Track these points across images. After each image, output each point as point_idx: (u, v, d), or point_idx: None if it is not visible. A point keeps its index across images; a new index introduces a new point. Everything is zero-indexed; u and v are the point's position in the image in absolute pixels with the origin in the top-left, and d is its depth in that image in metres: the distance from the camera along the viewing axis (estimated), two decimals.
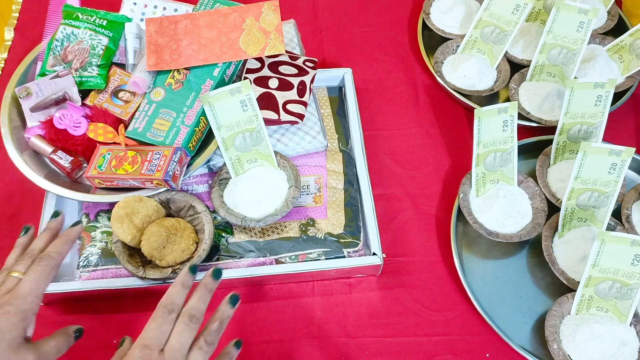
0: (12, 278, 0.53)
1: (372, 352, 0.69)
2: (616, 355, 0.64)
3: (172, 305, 0.50)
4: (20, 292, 0.51)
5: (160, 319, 0.49)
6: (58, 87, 0.76)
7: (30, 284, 0.52)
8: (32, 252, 0.55)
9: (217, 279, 0.54)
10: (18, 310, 0.50)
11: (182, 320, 0.50)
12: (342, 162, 0.80)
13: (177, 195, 0.72)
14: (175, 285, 0.52)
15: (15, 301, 0.50)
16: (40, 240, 0.57)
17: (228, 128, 0.72)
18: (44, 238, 0.57)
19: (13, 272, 0.53)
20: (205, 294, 0.53)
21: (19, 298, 0.51)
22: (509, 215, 0.75)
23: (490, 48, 0.90)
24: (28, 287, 0.52)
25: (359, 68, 0.92)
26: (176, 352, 0.48)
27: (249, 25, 0.78)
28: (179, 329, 0.49)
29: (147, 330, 0.49)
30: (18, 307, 0.50)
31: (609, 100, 0.77)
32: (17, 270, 0.53)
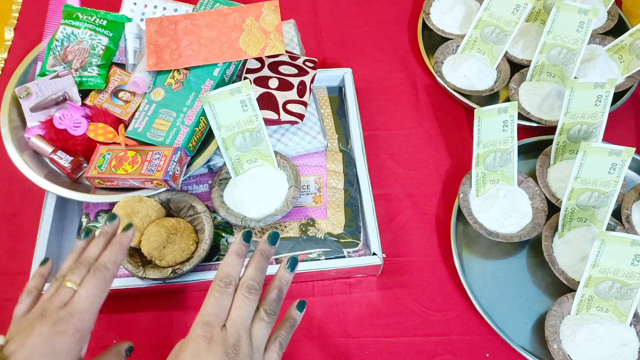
0: (67, 289, 0.50)
1: (372, 352, 0.69)
2: (616, 355, 0.64)
3: (228, 277, 0.48)
4: (77, 308, 0.48)
5: (218, 293, 0.47)
6: (58, 87, 0.76)
7: (87, 300, 0.49)
8: (87, 261, 0.52)
9: (274, 244, 0.51)
10: (75, 330, 0.47)
11: (240, 292, 0.48)
12: (342, 162, 0.80)
13: (177, 195, 0.72)
14: (230, 255, 0.50)
15: (72, 319, 0.47)
16: (96, 247, 0.54)
17: (228, 128, 0.72)
18: (100, 245, 0.54)
19: (67, 282, 0.50)
20: (262, 261, 0.50)
21: (76, 315, 0.48)
22: (509, 215, 0.75)
23: (490, 48, 0.90)
24: (86, 304, 0.48)
25: (359, 68, 0.92)
26: (238, 326, 0.46)
27: (249, 25, 0.78)
28: (239, 303, 0.47)
29: (206, 307, 0.47)
30: (75, 326, 0.47)
31: (609, 100, 0.77)
32: (72, 281, 0.50)
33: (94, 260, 0.52)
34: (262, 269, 0.50)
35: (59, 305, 0.48)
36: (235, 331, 0.46)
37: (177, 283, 0.69)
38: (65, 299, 0.49)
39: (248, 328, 0.47)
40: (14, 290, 0.73)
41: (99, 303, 0.50)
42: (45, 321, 0.47)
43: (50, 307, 0.48)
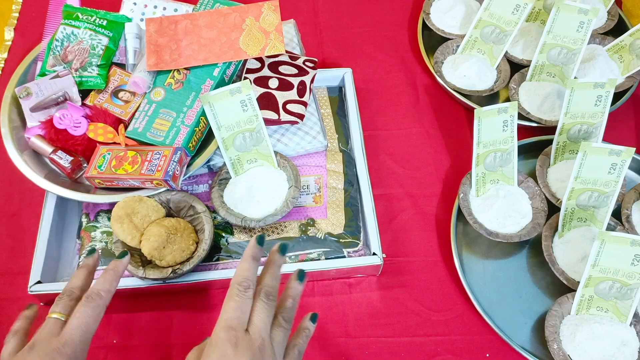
0: (53, 320, 0.49)
1: (372, 352, 0.69)
2: (616, 355, 0.64)
3: (247, 281, 0.48)
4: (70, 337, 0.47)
5: (239, 298, 0.47)
6: (58, 87, 0.76)
7: (79, 330, 0.48)
8: (70, 292, 0.52)
9: (284, 254, 0.52)
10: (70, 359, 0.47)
11: (260, 298, 0.48)
12: (342, 162, 0.80)
13: (177, 195, 0.72)
14: (245, 260, 0.50)
15: (65, 350, 0.47)
16: (77, 278, 0.54)
17: (228, 128, 0.72)
18: (81, 276, 0.54)
19: (52, 314, 0.50)
20: (276, 270, 0.51)
21: (69, 345, 0.47)
22: (509, 215, 0.75)
23: (490, 48, 0.90)
24: (78, 334, 0.48)
25: (359, 68, 0.92)
26: (261, 331, 0.47)
27: (249, 25, 0.78)
28: (259, 308, 0.48)
29: (228, 311, 0.47)
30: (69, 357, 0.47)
31: (609, 100, 0.77)
32: (56, 312, 0.50)
33: (77, 290, 0.53)
34: (277, 277, 0.51)
35: (49, 337, 0.48)
36: (259, 335, 0.46)
37: (177, 283, 0.69)
38: (54, 330, 0.48)
39: (269, 333, 0.47)
40: (13, 290, 0.73)
41: (92, 332, 0.50)
42: (36, 354, 0.46)
43: (40, 339, 0.48)
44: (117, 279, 0.54)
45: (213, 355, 0.44)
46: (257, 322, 0.47)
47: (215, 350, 0.45)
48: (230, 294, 0.48)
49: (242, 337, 0.45)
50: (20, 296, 0.71)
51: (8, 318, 0.71)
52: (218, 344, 0.45)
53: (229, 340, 0.45)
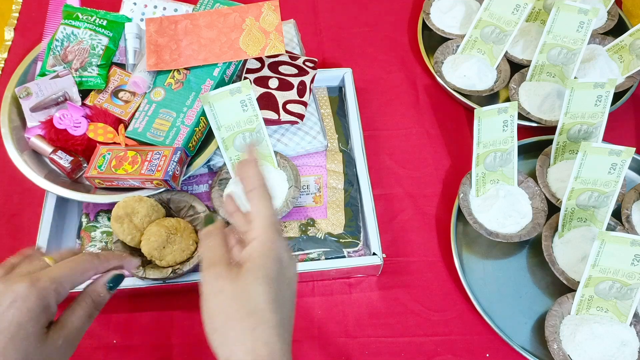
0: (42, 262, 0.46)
1: (372, 352, 0.69)
2: (616, 355, 0.64)
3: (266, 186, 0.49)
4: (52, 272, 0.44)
5: (272, 200, 0.48)
6: (58, 87, 0.76)
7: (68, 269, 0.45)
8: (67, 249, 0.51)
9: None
10: (52, 281, 0.44)
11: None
12: (342, 162, 0.80)
13: (177, 195, 0.72)
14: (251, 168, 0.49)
15: (40, 283, 0.43)
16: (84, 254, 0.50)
17: (228, 128, 0.72)
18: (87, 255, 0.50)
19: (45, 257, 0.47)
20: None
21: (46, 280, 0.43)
22: (509, 215, 0.74)
23: (490, 48, 0.90)
24: (64, 272, 0.45)
25: (359, 68, 0.91)
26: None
27: (249, 25, 0.78)
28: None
29: (268, 210, 0.47)
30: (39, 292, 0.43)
31: (609, 100, 0.77)
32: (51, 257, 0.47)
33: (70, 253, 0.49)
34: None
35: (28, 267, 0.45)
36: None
37: (177, 283, 0.69)
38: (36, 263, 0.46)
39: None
40: None
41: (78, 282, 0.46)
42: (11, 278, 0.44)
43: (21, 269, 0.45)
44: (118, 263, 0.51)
45: (270, 256, 0.44)
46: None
47: (272, 253, 0.44)
48: (264, 194, 0.48)
49: (287, 242, 0.47)
50: None
51: None
52: (270, 250, 0.45)
53: (284, 246, 0.45)
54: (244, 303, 0.42)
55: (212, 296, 0.44)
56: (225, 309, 0.42)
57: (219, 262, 0.45)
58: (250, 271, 0.43)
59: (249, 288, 0.42)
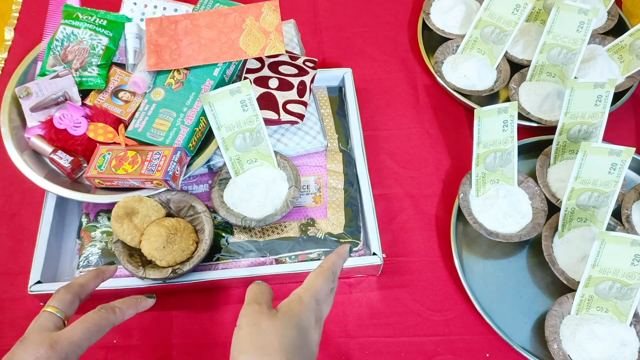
0: (47, 313, 0.48)
1: (372, 352, 0.69)
2: (616, 355, 0.64)
3: (335, 275, 0.53)
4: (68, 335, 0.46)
5: (330, 281, 0.52)
6: (58, 87, 0.76)
7: (81, 334, 0.47)
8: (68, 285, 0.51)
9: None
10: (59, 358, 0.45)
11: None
12: (342, 162, 0.80)
13: (177, 195, 0.72)
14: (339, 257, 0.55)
15: (58, 347, 0.45)
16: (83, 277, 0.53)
17: (228, 128, 0.72)
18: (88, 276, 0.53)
19: (47, 307, 0.48)
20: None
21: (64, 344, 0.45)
22: (509, 215, 0.75)
23: (490, 48, 0.90)
24: (79, 335, 0.46)
25: (359, 68, 0.92)
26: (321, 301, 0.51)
27: (249, 25, 0.78)
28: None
29: (319, 284, 0.50)
30: (59, 355, 0.45)
31: (609, 100, 0.77)
32: (51, 306, 0.49)
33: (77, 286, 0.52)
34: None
35: (41, 329, 0.46)
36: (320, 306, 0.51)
37: (177, 283, 0.69)
38: (47, 323, 0.47)
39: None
40: (13, 290, 0.73)
41: (90, 342, 0.48)
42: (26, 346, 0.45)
43: (32, 331, 0.46)
44: (135, 311, 0.55)
45: (302, 313, 0.48)
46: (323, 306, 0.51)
47: (304, 312, 0.48)
48: (324, 274, 0.51)
49: (320, 312, 0.50)
50: (20, 296, 0.71)
51: (8, 318, 0.71)
52: (307, 308, 0.48)
53: (314, 311, 0.49)
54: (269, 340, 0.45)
55: (247, 327, 0.46)
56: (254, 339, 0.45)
57: (263, 302, 0.48)
58: (286, 315, 0.47)
59: (281, 328, 0.46)
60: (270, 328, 0.45)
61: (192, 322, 0.71)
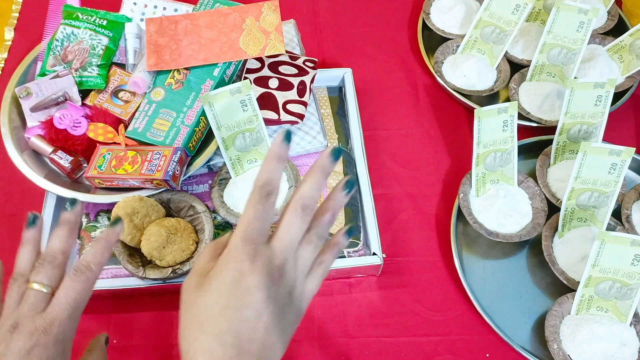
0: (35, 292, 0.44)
1: (372, 352, 0.69)
2: (616, 355, 0.64)
3: (269, 186, 0.41)
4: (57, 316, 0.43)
5: (260, 205, 0.40)
6: (58, 87, 0.76)
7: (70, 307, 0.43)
8: (52, 257, 0.46)
9: (336, 159, 0.43)
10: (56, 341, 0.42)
11: (293, 209, 0.41)
12: (342, 162, 0.80)
13: (177, 195, 0.72)
14: (269, 160, 0.42)
15: (52, 329, 0.42)
16: (57, 239, 0.47)
17: (228, 128, 0.72)
18: (63, 237, 0.47)
19: (32, 283, 0.44)
20: (320, 179, 0.43)
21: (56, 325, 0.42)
22: (509, 215, 0.74)
23: (490, 48, 0.90)
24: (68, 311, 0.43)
25: (359, 68, 0.91)
26: (286, 248, 0.41)
27: (249, 25, 0.78)
28: (289, 220, 0.41)
29: (247, 219, 0.40)
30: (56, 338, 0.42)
31: (609, 100, 0.77)
32: (39, 282, 0.44)
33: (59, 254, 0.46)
34: (319, 187, 0.43)
35: (33, 314, 0.43)
36: (282, 252, 0.41)
37: (177, 283, 0.69)
38: (38, 305, 0.44)
39: (295, 250, 0.42)
40: None
41: (81, 309, 0.45)
42: (20, 336, 0.42)
43: (22, 317, 0.43)
44: (109, 250, 0.48)
45: (228, 266, 0.39)
46: (284, 237, 0.41)
47: (231, 262, 0.40)
48: (251, 200, 0.41)
49: (262, 252, 0.40)
50: None
51: None
52: (234, 256, 0.40)
53: (247, 253, 0.39)
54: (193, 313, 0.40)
55: (181, 310, 0.41)
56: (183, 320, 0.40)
57: (193, 272, 0.42)
58: (205, 282, 0.40)
59: (199, 299, 0.39)
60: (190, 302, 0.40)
61: None
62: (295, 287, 0.41)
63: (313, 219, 0.43)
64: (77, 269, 0.45)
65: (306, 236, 0.43)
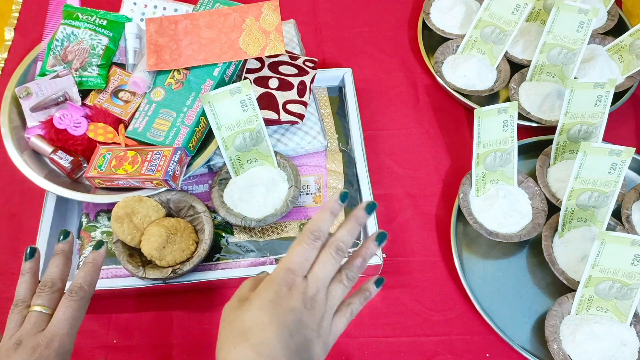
0: (37, 314, 0.49)
1: (372, 352, 0.69)
2: (616, 355, 0.64)
3: (318, 232, 0.49)
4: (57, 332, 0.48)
5: (307, 245, 0.48)
6: (58, 87, 0.76)
7: (68, 324, 0.49)
8: (51, 283, 0.51)
9: (370, 213, 0.51)
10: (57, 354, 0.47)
11: (328, 250, 0.49)
12: (342, 162, 0.80)
13: (177, 195, 0.72)
14: (323, 211, 0.50)
15: (54, 344, 0.47)
16: (56, 267, 0.53)
17: (228, 128, 0.72)
18: (60, 265, 0.53)
19: (34, 307, 0.50)
20: (354, 226, 0.50)
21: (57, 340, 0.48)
22: (509, 215, 0.75)
23: (490, 48, 0.90)
24: (67, 327, 0.49)
25: (359, 68, 0.92)
26: (319, 281, 0.47)
27: (249, 25, 0.78)
28: (324, 259, 0.48)
29: (293, 254, 0.48)
30: (57, 351, 0.47)
31: (609, 100, 0.77)
32: (39, 305, 0.50)
33: (58, 281, 0.52)
34: (353, 233, 0.50)
35: (35, 332, 0.48)
36: (315, 285, 0.47)
37: (177, 283, 0.69)
38: (39, 324, 0.49)
39: (327, 286, 0.48)
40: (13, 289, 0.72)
41: (77, 326, 0.50)
42: (24, 350, 0.46)
43: (25, 335, 0.47)
44: (98, 271, 0.54)
45: (269, 289, 0.46)
46: (318, 272, 0.48)
47: (272, 286, 0.46)
48: (300, 239, 0.48)
49: (299, 282, 0.47)
50: None
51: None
52: (275, 282, 0.47)
53: (286, 281, 0.46)
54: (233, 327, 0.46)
55: (221, 327, 0.47)
56: (222, 334, 0.46)
57: (234, 297, 0.49)
58: (249, 300, 0.47)
59: (240, 316, 0.46)
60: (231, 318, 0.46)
61: (192, 322, 0.71)
62: (324, 319, 0.47)
63: (346, 263, 0.51)
64: (72, 290, 0.51)
65: (337, 276, 0.49)
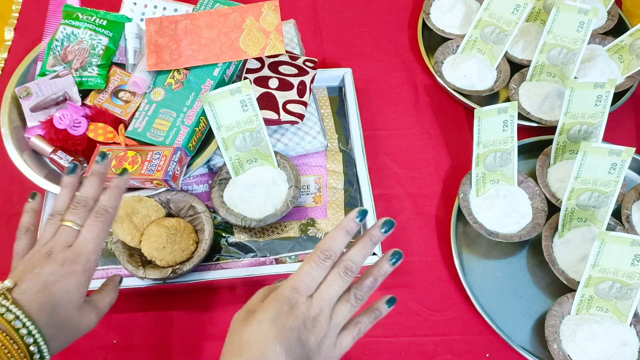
0: (68, 229, 0.52)
1: (372, 352, 0.69)
2: (616, 355, 0.64)
3: (329, 251, 0.47)
4: (84, 249, 0.51)
5: (315, 264, 0.47)
6: (58, 87, 0.76)
7: (93, 242, 0.51)
8: (84, 201, 0.53)
9: (386, 232, 0.49)
10: (84, 269, 0.50)
11: (337, 270, 0.48)
12: (342, 162, 0.80)
13: (177, 195, 0.72)
14: (338, 230, 0.48)
15: (81, 259, 0.50)
16: (91, 187, 0.54)
17: (228, 128, 0.72)
18: (94, 184, 0.55)
19: (66, 222, 0.52)
20: (368, 246, 0.49)
21: (83, 256, 0.50)
22: (509, 215, 0.75)
23: (490, 48, 0.90)
24: (92, 245, 0.51)
25: (359, 68, 0.91)
26: (324, 301, 0.47)
27: (249, 25, 0.78)
28: (332, 279, 0.47)
29: (300, 273, 0.47)
30: (84, 266, 0.50)
31: (609, 100, 0.77)
32: (72, 221, 0.52)
33: (91, 200, 0.54)
34: (365, 253, 0.49)
35: (64, 246, 0.51)
36: (319, 305, 0.47)
37: (177, 283, 0.69)
38: (69, 239, 0.51)
39: (332, 305, 0.47)
40: None
41: (101, 245, 0.53)
42: (54, 262, 0.49)
43: (56, 247, 0.50)
44: (120, 195, 0.56)
45: (270, 307, 0.46)
46: (323, 292, 0.47)
47: (274, 304, 0.47)
48: (310, 257, 0.48)
49: (302, 302, 0.46)
50: None
51: None
52: (279, 299, 0.47)
53: (289, 300, 0.46)
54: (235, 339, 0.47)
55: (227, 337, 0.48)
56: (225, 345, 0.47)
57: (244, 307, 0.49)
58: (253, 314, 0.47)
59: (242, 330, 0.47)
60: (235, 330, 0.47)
61: (192, 322, 0.71)
62: (326, 338, 0.47)
63: (357, 281, 0.49)
64: (98, 212, 0.53)
65: (345, 295, 0.48)
